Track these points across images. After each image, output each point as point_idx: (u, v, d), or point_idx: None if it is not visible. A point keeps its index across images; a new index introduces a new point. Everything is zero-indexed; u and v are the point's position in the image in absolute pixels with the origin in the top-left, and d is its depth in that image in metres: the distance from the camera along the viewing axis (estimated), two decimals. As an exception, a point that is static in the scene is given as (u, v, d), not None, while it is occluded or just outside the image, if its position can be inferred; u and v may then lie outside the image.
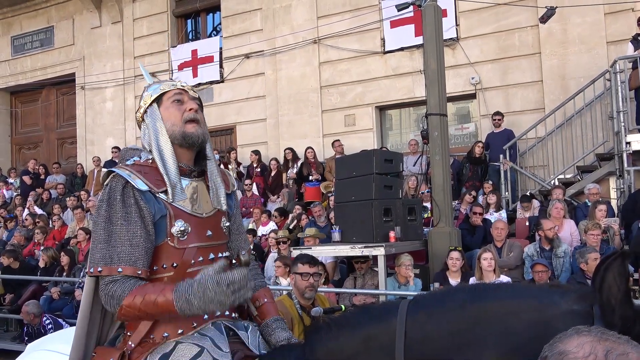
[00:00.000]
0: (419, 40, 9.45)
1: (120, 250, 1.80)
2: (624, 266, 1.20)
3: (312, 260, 3.89)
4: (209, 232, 1.97)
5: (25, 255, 9.52)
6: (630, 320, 1.17)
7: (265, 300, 2.11)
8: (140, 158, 1.98)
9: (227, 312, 1.96)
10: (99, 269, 1.79)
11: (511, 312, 1.32)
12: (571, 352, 1.02)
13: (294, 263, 4.01)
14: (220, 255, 2.01)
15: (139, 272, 1.81)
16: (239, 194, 8.53)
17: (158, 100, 1.99)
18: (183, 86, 2.02)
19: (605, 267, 1.21)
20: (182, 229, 1.89)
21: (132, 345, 1.84)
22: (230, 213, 2.13)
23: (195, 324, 1.86)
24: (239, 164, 11.19)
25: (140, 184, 1.86)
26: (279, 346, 1.95)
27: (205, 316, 1.88)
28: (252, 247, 2.43)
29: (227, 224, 2.09)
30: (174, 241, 1.89)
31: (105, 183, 1.91)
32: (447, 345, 1.39)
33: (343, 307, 3.90)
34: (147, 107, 1.99)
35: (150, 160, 1.95)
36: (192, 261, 1.91)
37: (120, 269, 1.78)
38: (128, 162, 1.97)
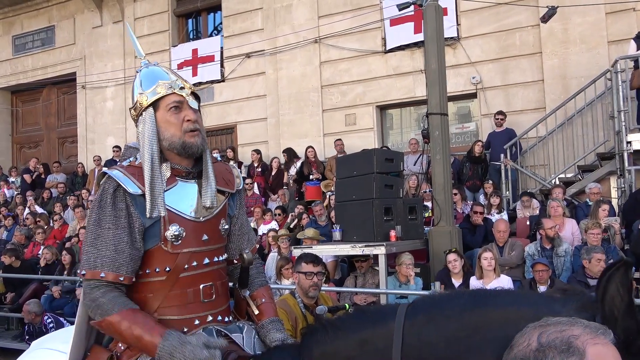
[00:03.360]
0: (419, 37, 9.47)
1: (105, 254, 1.77)
2: (627, 277, 1.18)
3: (315, 260, 3.89)
4: (205, 237, 1.92)
5: (27, 257, 9.52)
6: (633, 332, 1.15)
7: (264, 300, 2.08)
8: (136, 159, 1.93)
9: (219, 318, 1.94)
10: (83, 272, 1.78)
11: (511, 321, 1.29)
12: (515, 345, 1.06)
13: (297, 262, 4.01)
14: (216, 259, 1.96)
15: (121, 279, 1.78)
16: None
17: (154, 102, 1.90)
18: (181, 90, 1.92)
19: (607, 277, 1.19)
20: (176, 233, 1.84)
21: (122, 348, 1.83)
22: (231, 214, 2.07)
23: (186, 329, 1.84)
24: (240, 163, 11.20)
25: (134, 188, 1.82)
26: (273, 347, 1.93)
27: (197, 321, 1.87)
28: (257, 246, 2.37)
29: (227, 226, 2.03)
30: (167, 245, 1.85)
31: (100, 184, 1.88)
32: (445, 352, 1.37)
33: (347, 305, 3.91)
34: (143, 110, 1.91)
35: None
36: (186, 266, 1.87)
37: (102, 274, 1.76)
38: (124, 163, 1.93)
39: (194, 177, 1.95)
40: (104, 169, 1.92)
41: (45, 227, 10.40)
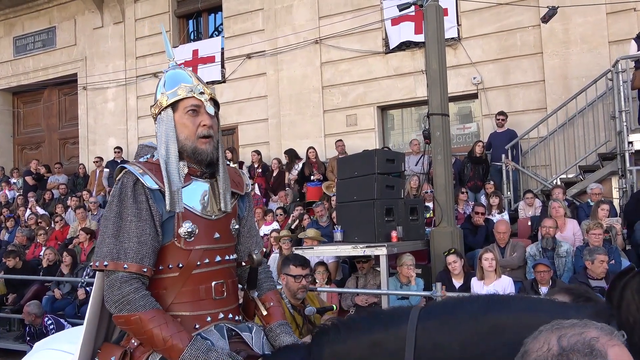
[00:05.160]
0: (420, 37, 9.46)
1: (128, 246, 1.80)
2: None
3: (304, 262, 3.89)
4: (217, 235, 1.97)
5: (29, 258, 9.52)
6: None
7: (272, 303, 2.11)
8: (153, 156, 1.99)
9: (230, 316, 1.97)
10: (105, 263, 1.80)
11: (524, 326, 1.27)
12: (530, 350, 1.05)
13: (284, 264, 3.97)
14: (227, 257, 2.01)
15: (144, 270, 1.81)
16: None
17: (174, 103, 1.96)
18: (201, 95, 1.97)
19: (623, 284, 1.18)
20: (189, 230, 1.89)
21: (135, 344, 1.85)
22: (241, 215, 2.13)
23: (197, 326, 1.87)
24: (241, 163, 11.20)
25: (151, 182, 1.87)
26: (283, 346, 1.95)
27: (208, 318, 1.90)
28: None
29: (237, 226, 2.08)
30: (180, 242, 1.89)
31: (117, 179, 1.92)
32: (458, 356, 1.37)
33: (334, 306, 3.91)
34: (162, 110, 1.97)
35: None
36: (198, 263, 1.91)
37: (126, 265, 1.79)
38: (141, 160, 1.99)
39: (208, 177, 2.00)
40: (122, 164, 1.97)
41: (47, 228, 10.41)
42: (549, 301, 1.48)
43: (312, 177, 10.07)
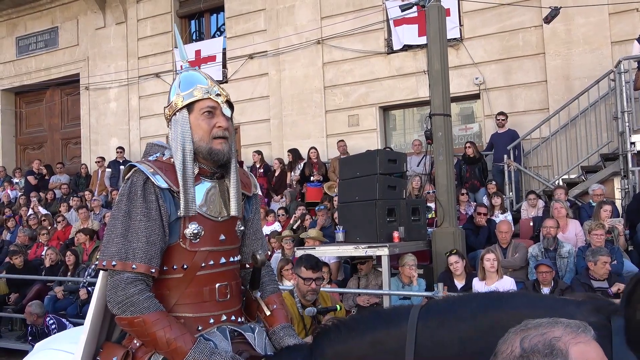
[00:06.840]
0: (422, 40, 9.47)
1: (137, 246, 1.78)
2: None
3: (316, 265, 3.85)
4: (223, 237, 1.95)
5: (31, 258, 9.54)
6: None
7: (275, 306, 2.10)
8: (163, 155, 1.97)
9: (233, 318, 1.96)
10: (113, 262, 1.77)
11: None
12: (499, 352, 1.07)
13: (297, 264, 3.99)
14: (231, 259, 2.00)
15: (152, 271, 1.80)
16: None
17: (189, 105, 1.94)
18: (217, 97, 1.96)
19: (635, 281, 1.18)
20: (195, 231, 1.88)
21: (137, 344, 1.85)
22: (247, 217, 2.11)
23: (200, 327, 1.86)
24: (241, 162, 11.21)
25: (161, 181, 1.85)
26: (285, 347, 1.94)
27: (211, 320, 1.89)
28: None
29: (242, 228, 2.07)
30: (185, 243, 1.88)
31: (126, 177, 1.90)
32: (458, 353, 1.38)
33: (338, 306, 3.90)
34: (177, 111, 1.95)
35: (173, 159, 1.92)
36: (202, 264, 1.90)
37: (134, 266, 1.77)
38: (150, 158, 1.96)
39: (218, 177, 1.99)
40: (132, 162, 1.95)
41: (49, 228, 10.42)
42: (550, 297, 1.48)
43: (311, 178, 10.07)
